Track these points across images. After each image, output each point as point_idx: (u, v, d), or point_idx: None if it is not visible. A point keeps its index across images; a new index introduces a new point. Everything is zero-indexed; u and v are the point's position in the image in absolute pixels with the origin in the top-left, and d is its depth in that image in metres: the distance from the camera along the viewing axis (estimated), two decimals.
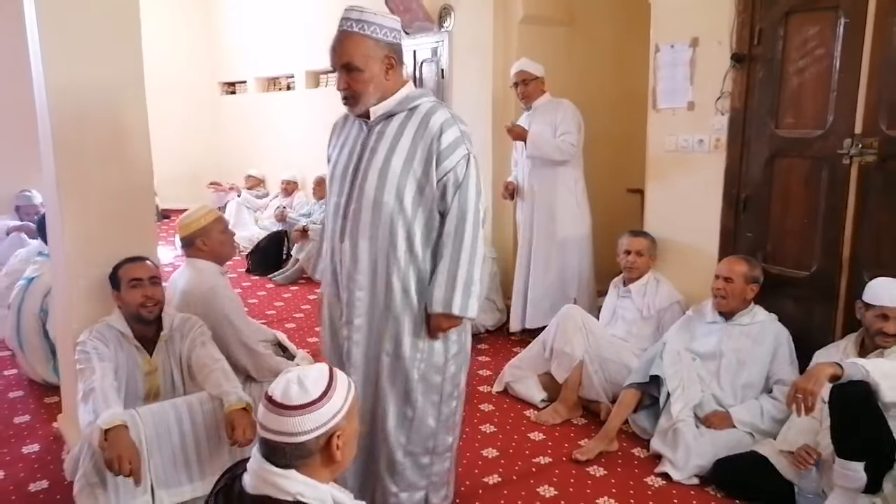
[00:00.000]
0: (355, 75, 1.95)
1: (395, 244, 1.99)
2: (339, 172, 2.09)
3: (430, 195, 1.98)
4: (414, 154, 1.96)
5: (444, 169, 1.95)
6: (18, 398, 3.34)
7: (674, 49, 3.33)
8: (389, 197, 1.96)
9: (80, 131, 2.45)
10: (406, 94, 2.03)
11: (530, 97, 3.95)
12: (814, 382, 2.07)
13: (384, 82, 1.98)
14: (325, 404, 1.29)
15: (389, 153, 1.97)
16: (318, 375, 1.33)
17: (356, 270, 2.04)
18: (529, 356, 3.38)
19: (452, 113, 2.03)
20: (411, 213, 1.98)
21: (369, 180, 1.98)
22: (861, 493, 2.12)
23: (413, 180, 1.97)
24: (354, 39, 1.93)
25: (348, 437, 1.35)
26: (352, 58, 1.93)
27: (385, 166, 1.96)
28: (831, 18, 2.77)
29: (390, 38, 1.98)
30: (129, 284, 2.34)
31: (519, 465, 2.74)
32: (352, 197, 2.03)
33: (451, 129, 1.97)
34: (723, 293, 2.86)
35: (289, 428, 1.27)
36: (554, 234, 3.94)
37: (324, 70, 6.76)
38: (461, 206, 1.96)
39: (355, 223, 2.02)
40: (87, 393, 2.13)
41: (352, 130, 2.11)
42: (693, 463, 2.59)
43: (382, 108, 2.00)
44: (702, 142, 3.26)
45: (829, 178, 2.84)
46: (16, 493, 2.51)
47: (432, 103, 2.04)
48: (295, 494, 1.26)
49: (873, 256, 2.73)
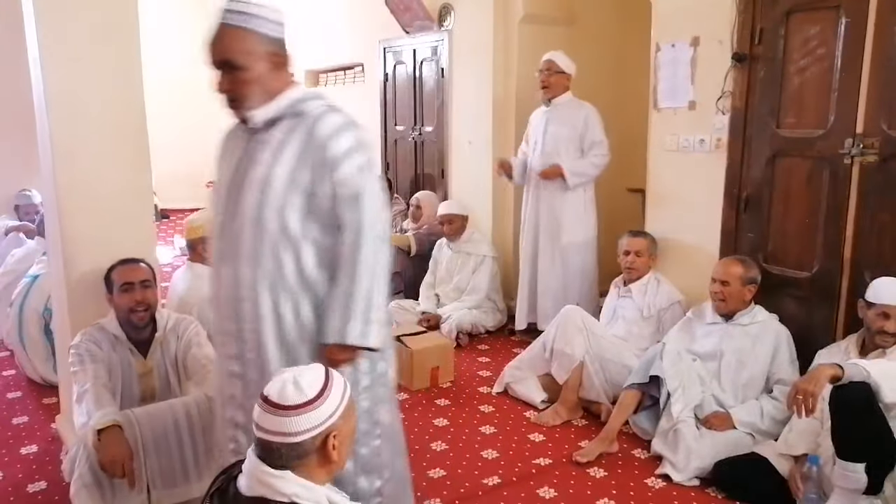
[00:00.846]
0: (237, 75, 1.70)
1: (281, 268, 1.72)
2: (221, 188, 1.83)
3: (321, 210, 1.72)
4: (301, 164, 1.70)
5: (336, 180, 1.69)
6: (17, 399, 3.33)
7: (675, 48, 3.32)
8: (272, 214, 1.70)
9: (78, 131, 2.44)
10: (295, 97, 1.77)
11: (551, 88, 3.90)
12: (814, 383, 2.06)
13: (270, 83, 1.73)
14: (322, 404, 1.29)
15: (272, 164, 1.71)
16: (314, 376, 1.33)
17: (240, 300, 1.77)
18: (529, 357, 3.37)
19: (348, 117, 1.78)
20: (300, 232, 1.72)
21: (248, 196, 1.72)
22: (862, 494, 2.12)
23: (300, 194, 1.70)
24: (235, 34, 1.68)
25: (344, 438, 1.35)
26: (232, 55, 1.69)
27: (266, 179, 1.70)
28: (832, 18, 2.76)
29: (276, 33, 1.74)
30: (121, 288, 2.33)
31: (519, 466, 2.73)
32: (232, 216, 1.77)
33: (344, 135, 1.72)
34: (721, 296, 2.85)
35: (285, 428, 1.27)
36: (559, 236, 3.92)
37: (324, 69, 6.75)
38: (358, 221, 1.69)
39: (235, 246, 1.75)
40: (81, 395, 2.13)
41: (239, 140, 1.84)
42: (693, 464, 2.58)
43: (266, 113, 1.74)
44: (703, 141, 3.25)
45: (830, 177, 2.83)
46: (14, 493, 2.50)
47: (325, 107, 1.78)
48: (290, 496, 1.26)
49: (874, 256, 2.72)
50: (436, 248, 4.61)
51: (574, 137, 3.88)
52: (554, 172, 3.84)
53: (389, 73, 5.60)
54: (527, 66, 4.47)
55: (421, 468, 2.69)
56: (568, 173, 3.82)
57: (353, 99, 6.20)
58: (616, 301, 3.46)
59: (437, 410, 3.24)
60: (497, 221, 4.69)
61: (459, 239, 4.45)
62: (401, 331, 3.78)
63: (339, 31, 6.26)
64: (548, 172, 3.86)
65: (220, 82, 1.73)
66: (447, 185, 5.10)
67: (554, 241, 3.94)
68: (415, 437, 2.96)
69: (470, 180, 4.85)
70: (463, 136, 4.87)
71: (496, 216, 4.69)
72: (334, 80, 6.61)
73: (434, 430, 3.03)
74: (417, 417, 3.16)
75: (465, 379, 3.63)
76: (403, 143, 5.59)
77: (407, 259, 4.78)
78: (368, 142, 1.80)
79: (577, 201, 3.91)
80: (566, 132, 3.87)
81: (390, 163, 5.76)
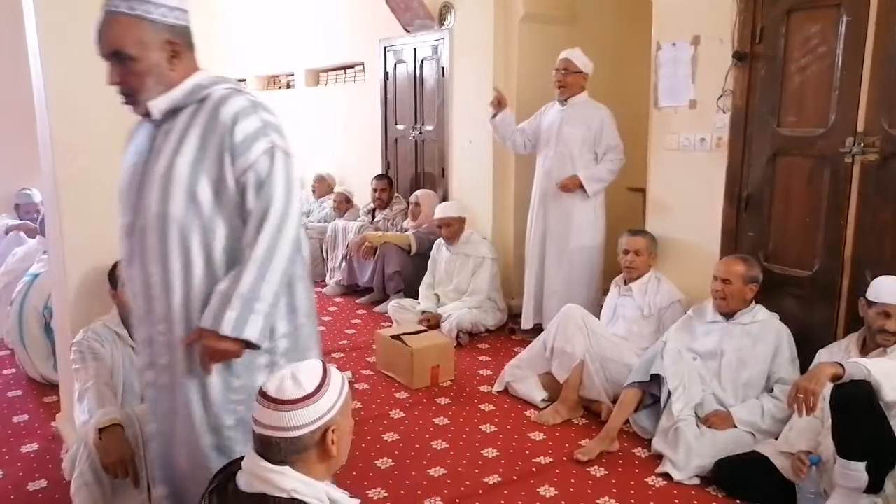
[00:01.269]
0: (129, 66, 1.59)
1: (190, 266, 1.62)
2: (125, 185, 1.73)
3: (230, 199, 1.62)
4: (204, 152, 1.60)
5: (241, 166, 1.59)
6: (17, 398, 3.33)
7: (675, 47, 3.32)
8: (177, 208, 1.60)
9: (78, 129, 2.43)
10: (196, 83, 1.66)
11: (567, 88, 3.85)
12: (815, 382, 2.06)
13: (168, 73, 1.63)
14: (320, 398, 1.30)
15: (174, 155, 1.61)
16: (312, 370, 1.34)
17: (150, 301, 1.68)
18: (530, 356, 3.37)
19: (254, 99, 1.67)
20: (209, 226, 1.61)
21: (152, 191, 1.62)
22: (862, 492, 2.11)
23: (207, 184, 1.60)
24: (123, 22, 1.57)
25: (343, 432, 1.36)
26: (122, 45, 1.57)
27: (169, 172, 1.60)
28: (833, 16, 2.76)
29: (172, 18, 1.62)
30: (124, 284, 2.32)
31: (519, 465, 2.73)
32: (137, 213, 1.67)
33: (248, 119, 1.61)
34: (722, 295, 2.85)
35: (283, 423, 1.27)
36: (567, 239, 3.89)
37: (324, 68, 6.75)
38: (262, 207, 1.59)
39: (142, 245, 1.66)
40: (83, 392, 2.12)
41: (144, 133, 1.74)
42: (694, 463, 2.58)
43: (166, 102, 1.64)
44: (703, 140, 3.25)
45: (830, 176, 2.82)
46: (14, 492, 2.50)
47: (228, 90, 1.67)
48: (290, 491, 1.26)
49: (875, 255, 2.72)
50: (434, 248, 4.60)
51: (588, 139, 3.83)
52: (573, 184, 3.80)
53: (390, 72, 5.59)
54: (527, 65, 4.47)
55: (421, 467, 2.70)
56: (586, 183, 3.79)
57: (353, 98, 6.21)
58: (616, 300, 3.45)
59: (437, 409, 3.24)
60: (497, 220, 4.69)
61: (458, 241, 4.44)
62: (401, 330, 3.79)
63: (339, 31, 6.26)
64: (567, 185, 3.81)
65: (111, 75, 1.62)
66: (447, 183, 5.10)
67: (562, 245, 3.91)
68: (415, 436, 2.96)
69: (470, 179, 4.85)
70: (463, 135, 4.87)
71: (496, 215, 4.69)
72: (335, 79, 6.60)
73: (434, 429, 3.03)
74: (418, 416, 3.16)
75: (465, 378, 3.63)
76: (404, 142, 5.59)
77: (407, 258, 4.78)
78: (277, 124, 1.68)
79: (588, 206, 3.87)
80: (581, 134, 3.83)
81: (391, 161, 5.76)
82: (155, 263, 1.65)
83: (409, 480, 2.60)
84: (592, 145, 3.85)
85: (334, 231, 5.41)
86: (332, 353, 3.95)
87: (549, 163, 3.95)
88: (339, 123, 6.47)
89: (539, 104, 4.17)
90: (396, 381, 3.55)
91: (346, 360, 3.84)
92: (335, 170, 6.43)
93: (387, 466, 2.70)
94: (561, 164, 3.89)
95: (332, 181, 6.32)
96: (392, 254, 4.75)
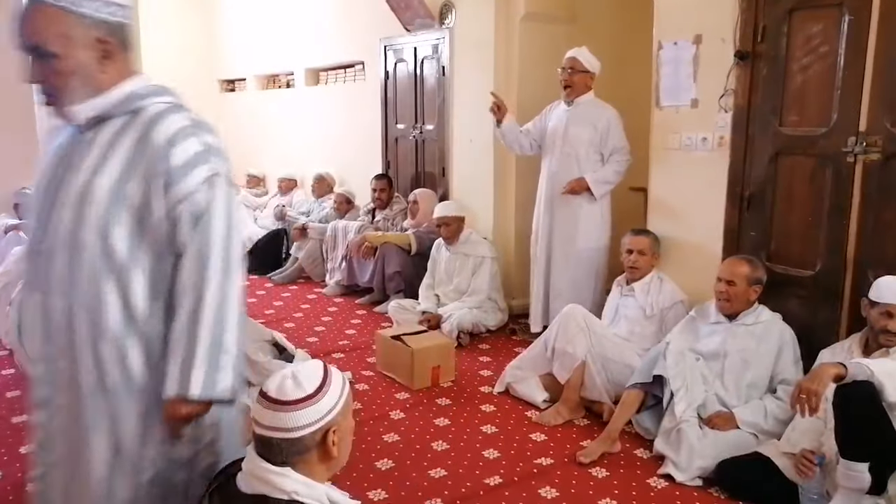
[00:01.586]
0: (52, 64, 1.39)
1: (101, 302, 1.42)
2: (36, 198, 1.50)
3: (155, 231, 1.42)
4: (129, 175, 1.40)
5: (176, 195, 1.40)
6: (16, 398, 3.32)
7: (677, 46, 3.31)
8: (90, 234, 1.39)
9: None
10: (130, 91, 1.46)
11: (573, 87, 3.82)
12: (818, 383, 2.05)
13: (97, 76, 1.43)
14: (321, 399, 1.30)
15: (93, 173, 1.40)
16: (313, 371, 1.34)
17: (49, 335, 1.47)
18: (531, 356, 3.36)
19: (195, 118, 1.49)
20: (127, 258, 1.41)
21: (64, 210, 1.42)
22: (865, 493, 2.11)
23: (128, 210, 1.40)
24: (47, 13, 1.37)
25: (344, 433, 1.35)
26: (43, 39, 1.37)
27: (86, 191, 1.40)
28: (835, 15, 2.75)
29: (106, 13, 1.41)
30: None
31: (520, 466, 2.72)
32: (43, 232, 1.45)
33: (187, 141, 1.42)
34: (726, 296, 2.84)
35: (284, 423, 1.27)
36: (574, 241, 3.87)
37: (324, 67, 6.74)
38: (202, 245, 1.41)
39: (46, 270, 1.45)
40: None
41: (63, 142, 1.52)
42: (696, 464, 2.57)
43: (92, 109, 1.44)
44: (705, 140, 3.24)
45: (833, 176, 2.82)
46: (13, 492, 2.49)
47: (166, 105, 1.48)
48: (290, 493, 1.25)
49: (878, 255, 2.71)
50: (434, 248, 4.59)
51: (595, 140, 3.80)
52: (581, 186, 3.78)
53: (390, 72, 5.58)
54: (528, 64, 4.46)
55: (422, 468, 2.69)
56: (593, 185, 3.77)
57: (353, 97, 6.20)
58: (618, 300, 3.44)
59: (437, 410, 3.23)
60: (498, 219, 4.68)
61: (457, 241, 4.43)
62: (401, 330, 3.78)
63: (339, 30, 6.25)
64: (574, 188, 3.78)
65: (30, 71, 1.42)
66: (448, 183, 5.09)
67: (569, 246, 3.88)
68: (415, 437, 2.95)
69: (471, 178, 4.84)
70: (464, 135, 4.86)
71: (497, 214, 4.68)
72: (335, 78, 6.60)
73: (435, 430, 3.02)
74: (418, 417, 3.15)
75: (466, 378, 3.62)
76: (404, 142, 5.58)
77: (407, 258, 4.77)
78: (220, 147, 1.49)
79: (594, 208, 3.85)
80: (587, 134, 3.80)
81: (391, 161, 5.75)
82: (58, 294, 1.43)
83: (410, 482, 2.59)
84: (599, 146, 3.81)
85: (334, 231, 5.40)
86: (332, 354, 3.94)
87: (555, 164, 3.91)
88: (339, 123, 6.46)
89: (540, 103, 4.15)
90: (397, 381, 3.54)
91: (346, 361, 3.83)
92: (335, 169, 6.42)
93: (387, 467, 2.69)
94: (567, 166, 3.85)
95: (331, 181, 6.31)
96: (392, 254, 4.74)
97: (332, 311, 4.83)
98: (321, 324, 4.53)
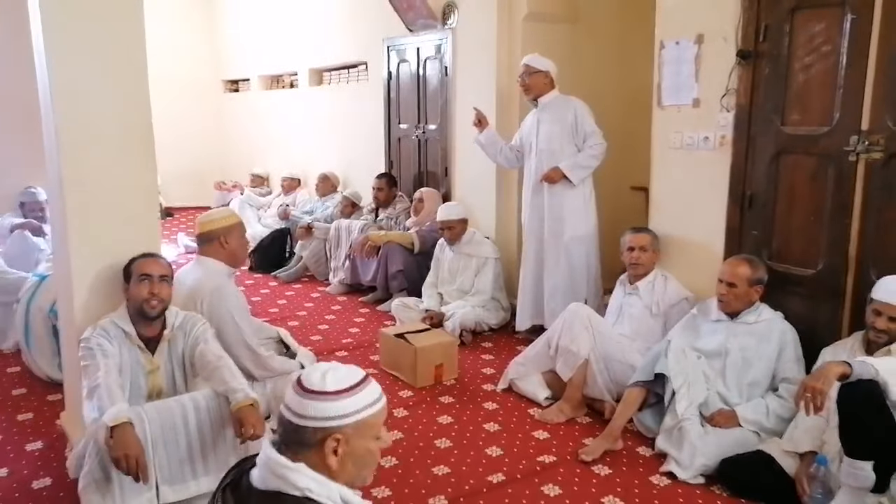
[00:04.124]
0: None
1: None
2: None
3: None
4: None
5: None
6: (22, 396, 3.34)
7: (679, 46, 3.31)
8: None
9: (83, 129, 2.44)
10: None
11: (529, 90, 3.95)
12: (823, 381, 2.06)
13: None
14: (333, 401, 1.28)
15: None
16: (345, 375, 1.32)
17: None
18: (534, 354, 3.37)
19: None
20: None
21: None
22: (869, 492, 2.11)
23: None
24: None
25: (353, 450, 1.30)
26: None
27: None
28: (838, 14, 2.75)
29: None
30: (139, 278, 2.34)
31: (523, 463, 2.73)
32: None
33: None
34: (727, 298, 2.84)
35: (296, 407, 1.29)
36: (562, 233, 3.92)
37: (327, 68, 6.76)
38: None
39: None
40: (92, 390, 2.13)
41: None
42: (698, 462, 2.58)
43: None
44: (707, 139, 3.24)
45: (835, 175, 2.82)
46: (19, 490, 2.50)
47: None
48: (304, 489, 1.24)
49: (880, 254, 2.71)
50: (437, 247, 4.60)
51: (567, 132, 3.88)
52: (556, 174, 3.84)
53: (393, 72, 5.60)
54: None
55: (425, 465, 2.70)
56: (568, 171, 3.83)
57: (356, 97, 6.21)
58: (622, 299, 3.44)
59: (440, 408, 3.24)
60: (500, 218, 4.69)
61: (460, 241, 4.44)
62: (404, 328, 3.79)
63: (342, 30, 6.27)
64: (550, 175, 3.86)
65: None
66: (450, 182, 5.10)
67: (558, 239, 3.93)
68: (419, 435, 2.96)
69: (473, 178, 4.85)
70: (466, 134, 4.86)
71: (499, 213, 4.69)
72: (338, 78, 6.61)
73: (438, 428, 3.03)
74: (421, 415, 3.16)
75: (468, 376, 3.63)
76: (407, 142, 5.59)
77: (410, 256, 4.78)
78: None
79: (576, 196, 3.91)
80: (558, 129, 3.89)
81: (394, 161, 5.77)
82: None
83: (413, 479, 2.60)
84: (572, 137, 3.89)
85: (338, 230, 5.42)
86: (336, 352, 3.96)
87: (534, 163, 4.00)
88: (342, 123, 6.48)
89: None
90: (400, 379, 3.55)
91: (349, 359, 3.84)
92: (339, 169, 6.44)
93: (391, 465, 2.70)
94: (547, 163, 3.92)
95: (335, 180, 6.33)
96: (395, 253, 4.75)
97: (336, 310, 4.84)
98: (325, 322, 4.55)
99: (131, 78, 2.52)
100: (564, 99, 3.94)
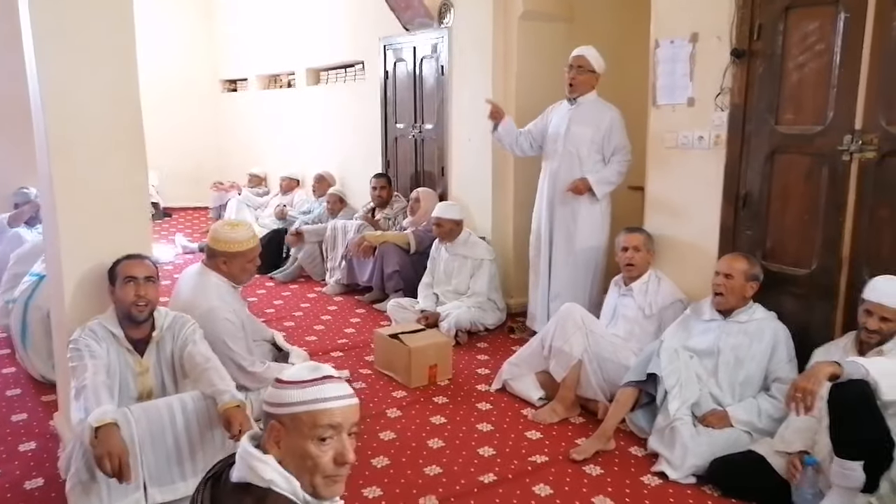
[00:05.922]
0: None
1: None
2: None
3: None
4: None
5: None
6: (16, 396, 3.34)
7: (673, 45, 3.30)
8: None
9: (74, 129, 2.44)
10: None
11: (578, 87, 3.80)
12: (813, 381, 2.05)
13: None
14: (281, 389, 1.32)
15: None
16: (307, 370, 1.34)
17: None
18: (528, 354, 3.36)
19: None
20: None
21: None
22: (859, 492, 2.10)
23: None
24: None
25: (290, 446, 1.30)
26: None
27: None
28: (831, 14, 2.74)
29: None
30: (124, 281, 2.33)
31: (515, 463, 2.72)
32: None
33: None
34: (722, 289, 2.84)
35: (264, 395, 1.37)
36: (573, 240, 3.86)
37: (325, 67, 6.76)
38: None
39: None
40: (79, 390, 2.12)
41: None
42: (690, 462, 2.57)
43: None
44: (701, 138, 3.24)
45: (829, 174, 2.81)
46: (11, 490, 2.50)
47: None
48: (268, 482, 1.26)
49: (873, 253, 2.70)
50: (433, 248, 4.59)
51: (596, 140, 3.78)
52: (584, 186, 3.76)
53: (390, 71, 5.59)
54: (526, 63, 4.47)
55: (417, 465, 2.69)
56: (595, 186, 3.74)
57: (353, 97, 6.21)
58: (616, 300, 3.43)
59: (434, 408, 3.24)
60: (497, 218, 4.68)
61: (454, 241, 4.42)
62: (399, 329, 3.78)
63: (339, 29, 6.26)
64: (578, 187, 3.75)
65: None
66: (447, 182, 5.10)
67: (569, 245, 3.88)
68: (412, 435, 2.96)
69: (470, 177, 4.84)
70: (463, 134, 4.87)
71: (496, 213, 4.68)
72: (335, 77, 6.61)
73: (431, 428, 3.03)
74: (415, 415, 3.16)
75: (463, 377, 3.62)
76: (403, 141, 5.59)
77: (406, 257, 4.78)
78: None
79: (595, 208, 3.83)
80: (589, 133, 3.78)
81: (390, 160, 5.76)
82: None
83: (405, 479, 2.60)
84: (601, 146, 3.80)
85: (334, 230, 5.41)
86: (331, 353, 3.95)
87: (557, 163, 3.90)
88: (339, 122, 6.48)
89: (538, 102, 4.16)
90: (394, 379, 3.55)
91: (344, 359, 3.84)
92: (335, 169, 6.44)
93: (383, 465, 2.70)
94: (569, 165, 3.84)
95: (331, 180, 6.32)
96: (391, 253, 4.74)
97: (332, 310, 4.84)
98: (321, 322, 4.54)
99: (121, 77, 2.51)
100: (603, 104, 3.83)
